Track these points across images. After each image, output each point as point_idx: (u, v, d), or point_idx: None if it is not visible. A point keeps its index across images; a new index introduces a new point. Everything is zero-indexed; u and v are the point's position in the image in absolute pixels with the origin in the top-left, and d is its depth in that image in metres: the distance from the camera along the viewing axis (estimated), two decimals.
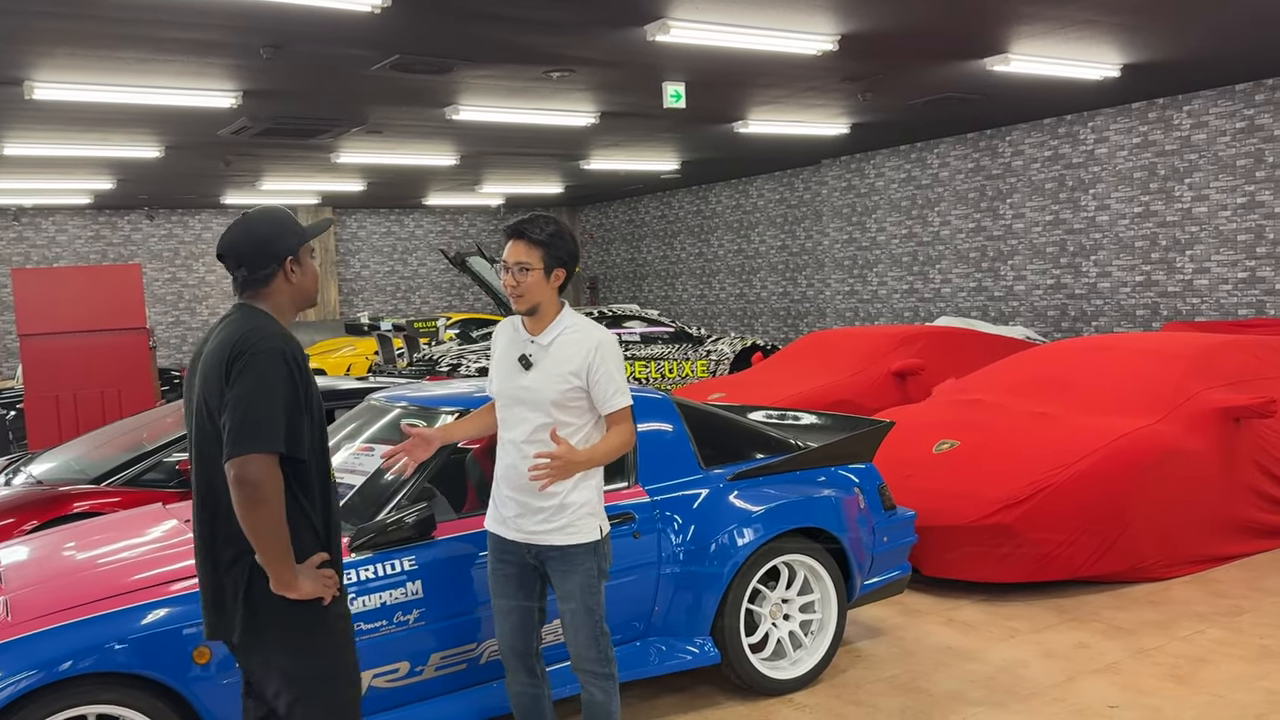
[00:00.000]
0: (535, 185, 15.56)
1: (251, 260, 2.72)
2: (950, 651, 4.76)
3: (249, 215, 2.79)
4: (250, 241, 2.73)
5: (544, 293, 3.33)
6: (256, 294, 2.75)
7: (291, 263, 2.75)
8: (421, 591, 3.63)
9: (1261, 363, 6.75)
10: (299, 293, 2.78)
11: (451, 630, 3.71)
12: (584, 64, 7.29)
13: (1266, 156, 9.42)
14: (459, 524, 3.85)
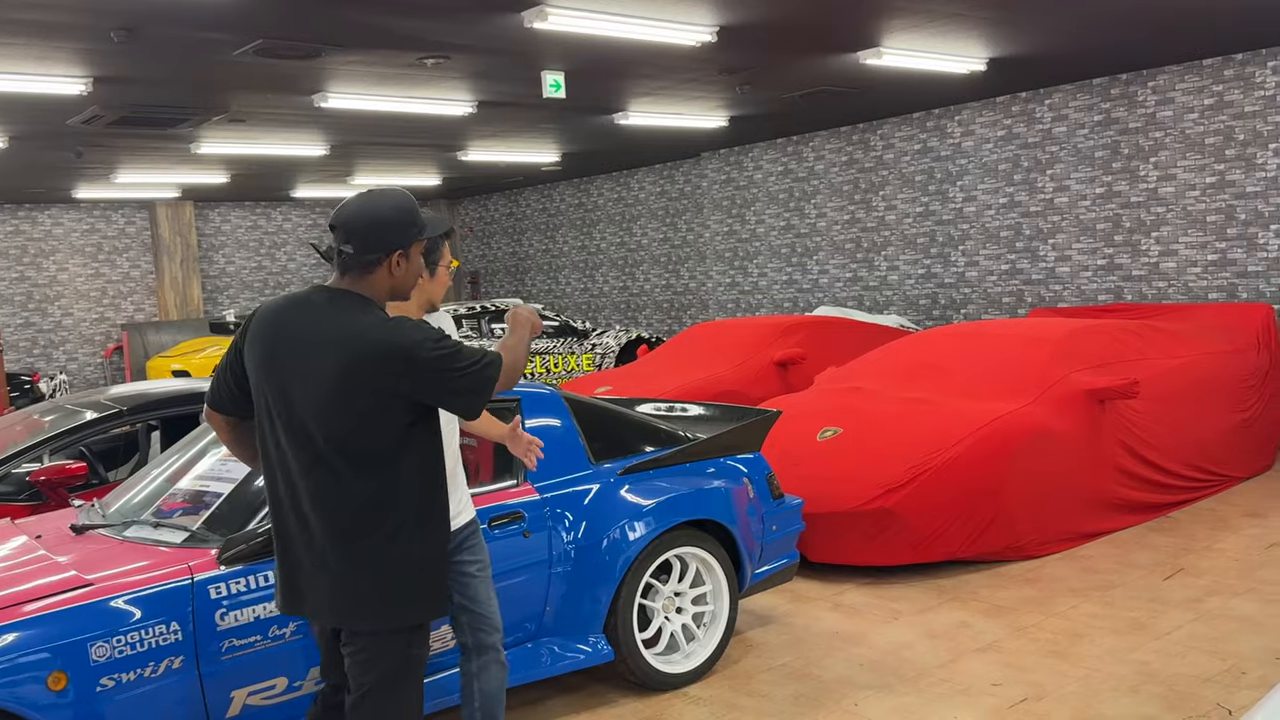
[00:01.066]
0: (411, 177, 15.18)
1: (364, 241, 2.59)
2: (838, 636, 4.82)
3: (374, 194, 2.65)
4: (368, 222, 2.59)
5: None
6: (358, 278, 2.63)
7: (400, 256, 2.64)
8: None
9: (1123, 346, 7.07)
10: (397, 287, 2.68)
11: None
12: (459, 51, 7.10)
13: (1122, 149, 9.89)
14: None
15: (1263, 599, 4.98)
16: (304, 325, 2.59)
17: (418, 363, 2.53)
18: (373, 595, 2.62)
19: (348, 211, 2.61)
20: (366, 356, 2.52)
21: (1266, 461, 7.71)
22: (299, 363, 2.57)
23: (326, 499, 2.58)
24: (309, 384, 2.55)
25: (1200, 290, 9.45)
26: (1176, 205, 9.56)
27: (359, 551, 2.60)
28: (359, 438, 2.56)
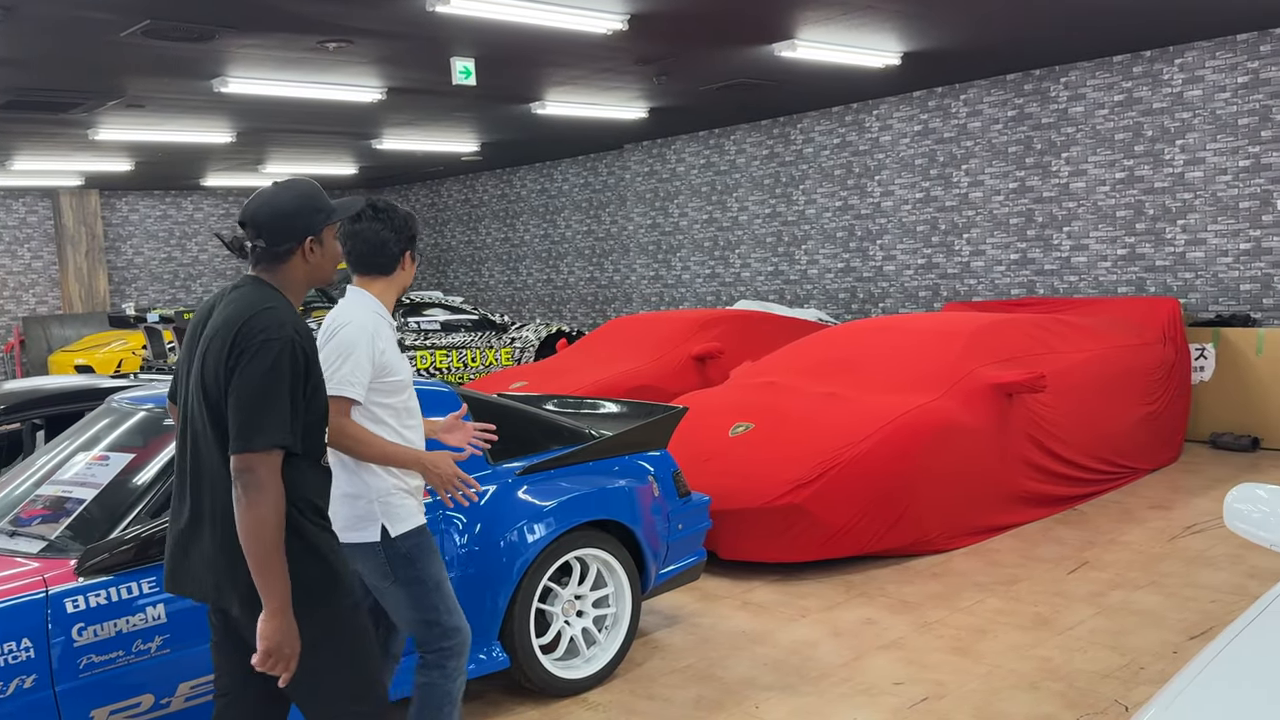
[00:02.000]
0: (325, 165, 14.79)
1: (271, 233, 2.57)
2: (744, 636, 4.75)
3: (277, 185, 2.66)
4: (272, 213, 2.59)
5: None
6: (271, 269, 2.61)
7: (312, 242, 2.64)
8: (165, 616, 3.24)
9: (1032, 340, 7.13)
10: (315, 273, 2.68)
11: (205, 655, 3.33)
12: (362, 35, 6.85)
13: (1034, 144, 10.02)
14: None
15: (1164, 592, 5.03)
16: (214, 313, 2.62)
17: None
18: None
19: (254, 205, 2.61)
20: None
21: (1173, 453, 7.86)
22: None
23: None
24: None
25: (1110, 284, 9.62)
26: (1087, 200, 9.71)
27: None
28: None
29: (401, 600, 3.14)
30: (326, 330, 3.11)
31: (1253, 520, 2.57)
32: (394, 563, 3.10)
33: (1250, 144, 8.63)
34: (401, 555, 3.10)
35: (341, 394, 2.93)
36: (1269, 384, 8.02)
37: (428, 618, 3.14)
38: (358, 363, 3.00)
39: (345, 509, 3.07)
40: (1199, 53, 8.85)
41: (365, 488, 3.10)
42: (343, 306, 3.18)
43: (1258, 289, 8.69)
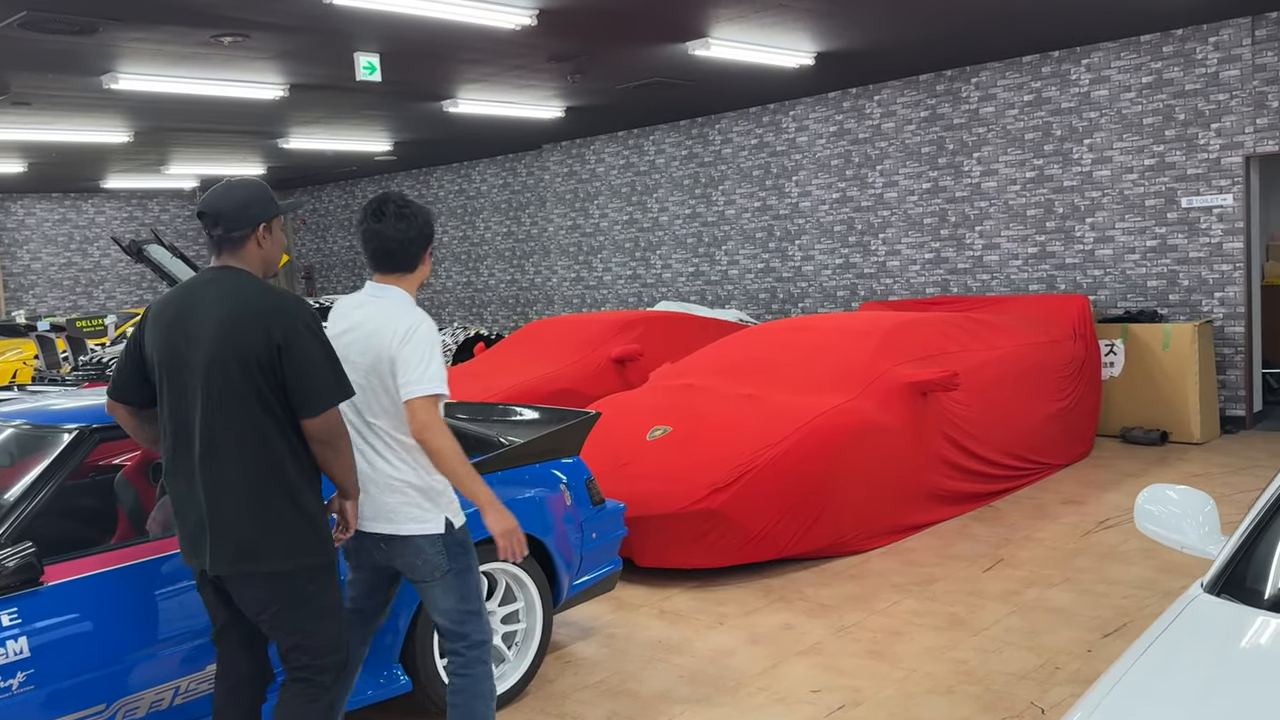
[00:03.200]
0: (232, 166, 14.29)
1: (229, 220, 2.91)
2: (661, 646, 4.62)
3: (231, 181, 2.98)
4: (230, 202, 2.92)
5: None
6: (234, 253, 2.94)
7: (264, 229, 2.96)
8: (28, 650, 2.99)
9: (946, 338, 7.15)
10: (267, 260, 3.01)
11: (74, 692, 3.09)
12: (258, 28, 6.56)
13: (947, 144, 10.11)
14: (101, 559, 3.23)
15: (1077, 589, 5.05)
16: (203, 302, 2.90)
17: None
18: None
19: (213, 196, 2.93)
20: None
21: (1084, 448, 7.97)
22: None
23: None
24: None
25: (1021, 282, 9.74)
26: (999, 200, 9.82)
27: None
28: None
29: (452, 589, 3.17)
30: (406, 327, 3.09)
31: (1163, 522, 2.52)
32: (452, 552, 3.16)
33: (1155, 143, 8.81)
34: (459, 543, 3.18)
35: (437, 391, 3.01)
36: (1177, 379, 8.19)
37: (473, 607, 3.20)
38: (441, 360, 3.11)
39: (410, 499, 3.11)
40: (1105, 53, 9.01)
41: (432, 479, 3.14)
42: (390, 305, 3.17)
43: (1164, 285, 8.87)
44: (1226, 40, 8.36)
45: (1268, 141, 8.25)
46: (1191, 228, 8.69)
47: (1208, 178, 8.57)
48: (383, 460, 3.14)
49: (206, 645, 3.29)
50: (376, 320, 3.13)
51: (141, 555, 3.32)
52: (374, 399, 3.12)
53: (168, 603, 3.31)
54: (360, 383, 3.07)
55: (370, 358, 3.09)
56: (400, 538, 3.14)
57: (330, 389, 2.84)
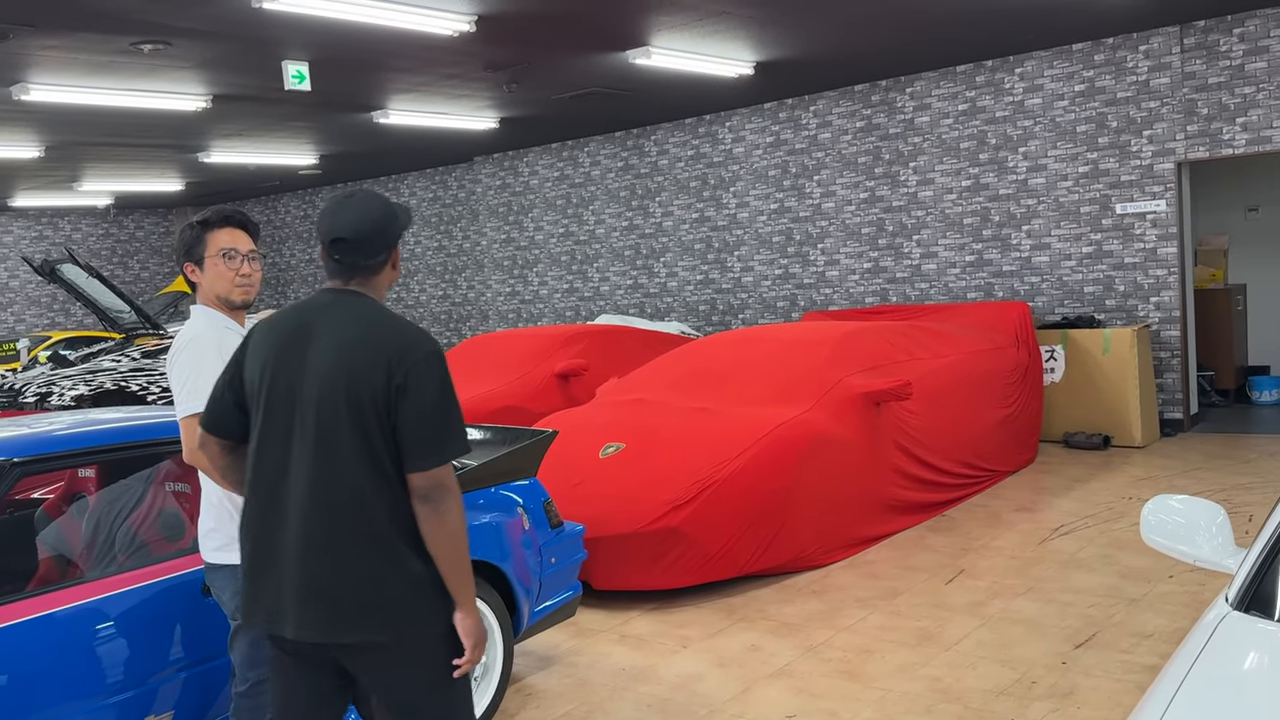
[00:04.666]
0: (149, 182, 13.75)
1: (372, 245, 2.52)
2: (625, 673, 4.43)
3: (355, 197, 2.55)
4: (370, 225, 2.51)
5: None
6: (366, 281, 2.55)
7: (398, 250, 2.60)
8: None
9: (895, 347, 7.11)
10: (391, 282, 2.64)
11: None
12: (180, 35, 6.24)
13: (883, 154, 10.14)
14: (18, 607, 2.94)
15: (1042, 598, 4.99)
16: (325, 327, 2.51)
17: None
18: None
19: (348, 219, 2.51)
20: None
21: (1030, 455, 8.00)
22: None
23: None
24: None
25: (960, 290, 9.80)
26: (935, 209, 9.88)
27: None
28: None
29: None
30: (172, 348, 2.94)
31: (1173, 534, 2.42)
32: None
33: (1089, 150, 8.94)
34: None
35: (193, 410, 2.83)
36: (1117, 383, 8.28)
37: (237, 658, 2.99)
38: (204, 377, 2.91)
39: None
40: (1038, 62, 9.13)
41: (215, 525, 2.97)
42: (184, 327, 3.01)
43: (1101, 290, 8.99)
44: (1156, 49, 8.52)
45: (1198, 148, 8.42)
46: (1126, 234, 8.83)
47: (1141, 184, 8.71)
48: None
49: (140, 697, 3.01)
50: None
51: (67, 601, 3.04)
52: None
53: (99, 651, 3.03)
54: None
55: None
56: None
57: (442, 442, 2.40)
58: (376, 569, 2.39)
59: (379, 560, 2.39)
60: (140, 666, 3.12)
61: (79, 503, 3.84)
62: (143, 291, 17.67)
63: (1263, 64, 8.09)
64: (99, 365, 9.16)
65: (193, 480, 3.65)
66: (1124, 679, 4.01)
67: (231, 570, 2.88)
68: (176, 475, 3.69)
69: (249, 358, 2.54)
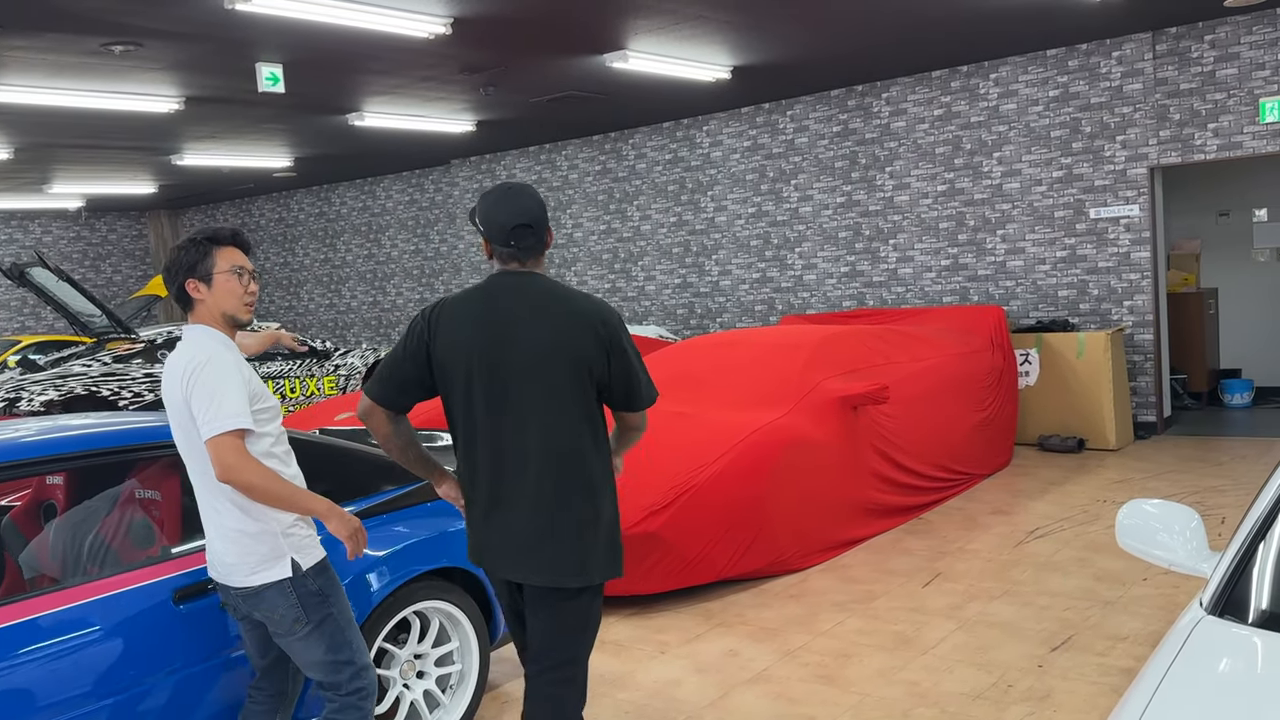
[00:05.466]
0: (121, 184, 13.60)
1: (544, 227, 2.85)
2: (603, 680, 4.41)
3: (522, 186, 2.88)
4: (540, 209, 2.85)
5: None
6: (538, 261, 2.87)
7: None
8: None
9: (872, 351, 7.12)
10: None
11: None
12: (152, 36, 6.17)
13: (859, 159, 10.18)
14: None
15: (1018, 601, 5.01)
16: (532, 302, 2.83)
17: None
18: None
19: (528, 206, 2.83)
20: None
21: (1005, 458, 8.04)
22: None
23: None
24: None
25: (935, 294, 9.85)
26: (911, 213, 9.92)
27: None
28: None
29: (314, 642, 2.94)
30: (184, 368, 2.89)
31: (1147, 539, 2.42)
32: (306, 602, 2.92)
33: (1063, 155, 9.00)
34: (313, 592, 2.94)
35: (235, 426, 2.80)
36: (1091, 386, 8.34)
37: (341, 657, 2.97)
38: (236, 392, 2.87)
39: (246, 548, 2.90)
40: (1012, 68, 9.19)
41: (268, 521, 2.91)
42: (182, 346, 3.01)
43: (1074, 294, 9.05)
44: (1129, 55, 8.60)
45: (1170, 153, 8.50)
46: (1100, 238, 8.89)
47: (1114, 189, 8.78)
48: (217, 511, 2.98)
49: (119, 706, 2.97)
50: (171, 364, 2.96)
51: (34, 610, 2.98)
52: (192, 446, 2.95)
53: (68, 662, 2.97)
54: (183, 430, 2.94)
55: (176, 404, 2.93)
56: (251, 588, 2.93)
57: (650, 388, 2.90)
58: (588, 515, 2.76)
59: (590, 506, 2.76)
60: (112, 677, 3.07)
61: (47, 510, 3.78)
62: (115, 295, 17.49)
63: (1233, 70, 8.18)
64: (69, 370, 9.05)
65: (164, 488, 3.60)
66: (1100, 681, 4.03)
67: (279, 585, 2.91)
68: (147, 482, 3.64)
69: (441, 336, 2.80)
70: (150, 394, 9.20)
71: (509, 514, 2.78)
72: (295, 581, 2.91)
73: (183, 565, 3.27)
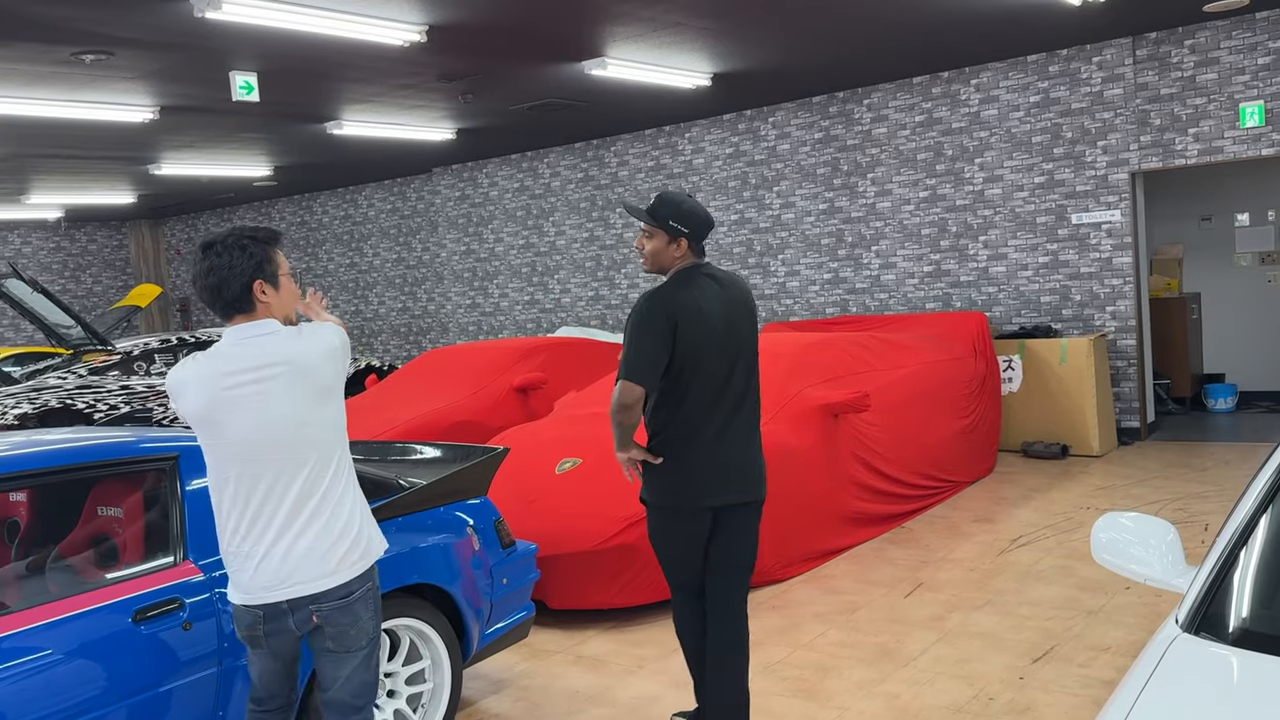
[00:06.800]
0: (100, 195, 13.48)
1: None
2: (580, 695, 4.34)
3: (685, 193, 3.65)
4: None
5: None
6: (702, 254, 3.67)
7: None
8: None
9: (853, 359, 7.08)
10: None
11: None
12: (123, 45, 6.09)
13: (841, 165, 10.15)
14: None
15: (1000, 611, 4.96)
16: (727, 291, 3.66)
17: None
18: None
19: (706, 212, 3.64)
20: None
21: (989, 465, 8.01)
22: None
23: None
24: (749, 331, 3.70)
25: (918, 300, 9.82)
26: (893, 219, 9.90)
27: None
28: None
29: (367, 658, 2.90)
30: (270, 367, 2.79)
31: (1123, 553, 2.37)
32: (376, 611, 2.95)
33: (1044, 161, 8.99)
34: (375, 600, 2.95)
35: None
36: (1074, 392, 8.32)
37: (374, 677, 2.94)
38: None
39: (349, 544, 2.86)
40: (993, 73, 9.17)
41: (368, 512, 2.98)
42: (279, 343, 2.84)
43: (1057, 300, 9.04)
44: (1109, 60, 8.59)
45: (1151, 158, 8.49)
46: (1082, 243, 8.88)
47: (1096, 194, 8.77)
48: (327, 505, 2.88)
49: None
50: (275, 353, 2.82)
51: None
52: (312, 439, 2.84)
53: (30, 683, 2.89)
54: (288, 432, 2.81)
55: (307, 388, 2.84)
56: (346, 593, 2.83)
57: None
58: (760, 445, 3.67)
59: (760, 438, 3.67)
60: (70, 701, 2.99)
61: (9, 527, 3.70)
62: (96, 306, 17.34)
63: (1213, 75, 8.18)
64: (44, 383, 8.94)
65: (127, 503, 3.52)
66: (1081, 694, 3.98)
67: (364, 593, 2.89)
68: (112, 499, 3.56)
69: (683, 322, 3.45)
70: (125, 406, 9.09)
71: (732, 449, 3.54)
72: (371, 586, 2.88)
73: (144, 584, 3.20)
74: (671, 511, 3.57)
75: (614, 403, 3.51)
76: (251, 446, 2.76)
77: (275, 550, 2.78)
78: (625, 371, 3.47)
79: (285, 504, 2.78)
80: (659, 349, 3.44)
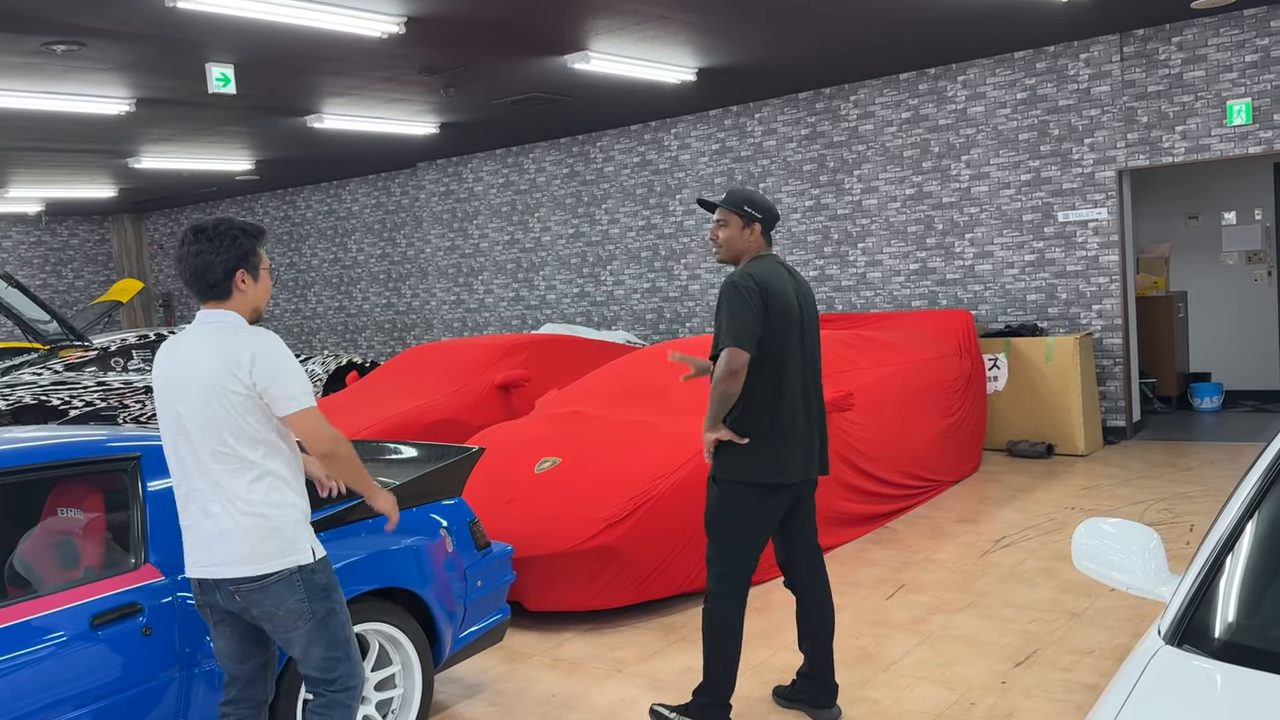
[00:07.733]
0: (80, 188, 13.32)
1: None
2: (556, 700, 4.26)
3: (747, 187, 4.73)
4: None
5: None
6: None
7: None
8: None
9: (838, 357, 7.01)
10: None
11: None
12: (95, 36, 5.97)
13: (828, 162, 10.09)
14: None
15: (983, 614, 4.90)
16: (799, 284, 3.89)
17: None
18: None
19: (770, 201, 4.04)
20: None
21: (974, 464, 7.96)
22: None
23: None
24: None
25: (904, 298, 9.76)
26: (880, 217, 9.83)
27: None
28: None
29: (318, 637, 2.95)
30: (245, 357, 2.90)
31: (1105, 560, 2.31)
32: (313, 595, 2.94)
33: (1031, 158, 8.94)
34: (321, 586, 2.96)
35: (313, 401, 2.94)
36: (1060, 391, 8.27)
37: (340, 653, 2.99)
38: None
39: (263, 537, 2.89)
40: (980, 70, 9.12)
41: (289, 509, 2.94)
42: (244, 335, 2.96)
43: (1043, 298, 8.99)
44: (1096, 57, 8.54)
45: (1138, 156, 8.45)
46: (1068, 241, 8.83)
47: (1083, 192, 8.72)
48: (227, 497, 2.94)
49: None
50: (211, 347, 2.97)
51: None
52: (216, 429, 2.91)
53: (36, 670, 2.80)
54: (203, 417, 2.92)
55: (214, 387, 2.91)
56: (264, 575, 2.88)
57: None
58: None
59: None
60: (31, 705, 2.90)
61: None
62: (77, 301, 17.17)
63: (1200, 72, 8.14)
64: (18, 379, 8.81)
65: (87, 504, 3.43)
66: (1064, 699, 3.92)
67: (289, 579, 2.92)
68: (73, 500, 3.46)
69: (771, 300, 3.62)
70: (102, 403, 8.96)
71: (809, 428, 3.76)
72: (304, 573, 2.91)
73: (103, 588, 3.11)
74: (765, 489, 3.68)
75: (719, 371, 3.56)
76: (175, 418, 2.94)
77: (199, 529, 2.94)
78: (731, 339, 3.54)
79: (203, 488, 2.92)
80: (755, 320, 3.58)
